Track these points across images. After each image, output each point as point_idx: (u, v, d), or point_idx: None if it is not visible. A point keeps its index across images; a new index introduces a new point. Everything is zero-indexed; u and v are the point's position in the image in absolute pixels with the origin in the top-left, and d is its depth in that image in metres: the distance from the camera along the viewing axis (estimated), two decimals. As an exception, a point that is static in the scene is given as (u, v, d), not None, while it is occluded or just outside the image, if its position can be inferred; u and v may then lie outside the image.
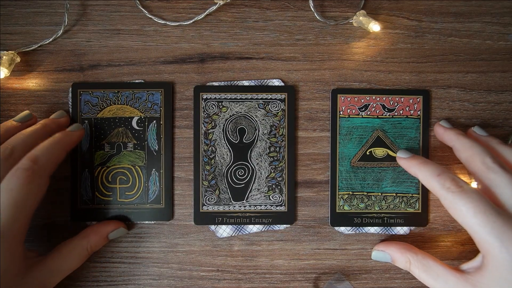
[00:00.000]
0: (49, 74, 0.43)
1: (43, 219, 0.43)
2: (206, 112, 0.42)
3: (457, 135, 0.39)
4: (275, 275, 0.43)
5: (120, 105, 0.42)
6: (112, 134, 0.42)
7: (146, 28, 0.43)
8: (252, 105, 0.43)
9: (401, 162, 0.40)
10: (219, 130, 0.42)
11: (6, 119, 0.42)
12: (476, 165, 0.37)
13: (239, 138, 0.43)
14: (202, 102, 0.42)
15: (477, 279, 0.34)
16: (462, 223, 0.34)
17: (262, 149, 0.43)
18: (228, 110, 0.42)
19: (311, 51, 0.43)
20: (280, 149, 0.43)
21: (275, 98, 0.43)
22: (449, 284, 0.36)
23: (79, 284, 0.43)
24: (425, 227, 0.43)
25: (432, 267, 0.37)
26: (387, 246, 0.41)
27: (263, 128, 0.43)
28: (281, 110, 0.43)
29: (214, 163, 0.42)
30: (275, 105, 0.43)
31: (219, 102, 0.42)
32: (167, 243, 0.43)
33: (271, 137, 0.43)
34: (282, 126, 0.43)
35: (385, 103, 0.43)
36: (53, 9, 0.43)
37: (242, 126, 0.43)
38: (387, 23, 0.43)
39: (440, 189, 0.35)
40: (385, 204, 0.43)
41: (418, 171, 0.38)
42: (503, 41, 0.43)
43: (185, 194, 0.43)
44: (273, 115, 0.43)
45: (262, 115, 0.43)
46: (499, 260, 0.32)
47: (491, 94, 0.43)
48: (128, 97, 0.42)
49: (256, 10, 0.43)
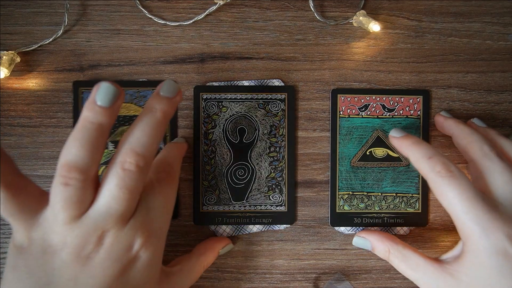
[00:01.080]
0: (49, 74, 0.43)
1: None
2: (206, 112, 0.42)
3: (457, 123, 0.39)
4: (275, 275, 0.43)
5: (124, 104, 0.42)
6: (116, 133, 0.42)
7: (146, 28, 0.43)
8: (252, 105, 0.43)
9: (393, 141, 0.38)
10: (219, 130, 0.42)
11: (6, 119, 0.42)
12: (475, 152, 0.36)
13: (239, 138, 0.43)
14: (202, 102, 0.42)
15: (455, 268, 0.34)
16: (447, 207, 0.34)
17: (262, 149, 0.43)
18: (228, 110, 0.42)
19: (311, 51, 0.43)
20: (280, 149, 0.43)
21: (275, 98, 0.43)
22: (427, 274, 0.35)
23: (79, 284, 0.43)
24: (425, 227, 0.43)
25: (411, 257, 0.37)
26: (369, 234, 0.40)
27: (263, 128, 0.43)
28: (281, 110, 0.43)
29: (214, 163, 0.42)
30: (275, 105, 0.43)
31: (219, 102, 0.42)
32: (167, 243, 0.43)
33: (271, 137, 0.43)
34: (282, 126, 0.43)
35: (385, 103, 0.43)
36: (53, 9, 0.43)
37: (242, 126, 0.43)
38: (387, 23, 0.43)
39: (430, 172, 0.34)
40: (385, 204, 0.43)
41: (409, 151, 0.36)
42: (503, 41, 0.43)
43: (185, 194, 0.43)
44: (273, 115, 0.43)
45: (262, 115, 0.43)
46: (478, 247, 0.32)
47: (491, 94, 0.43)
48: (133, 96, 0.42)
49: (256, 10, 0.43)
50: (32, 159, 0.43)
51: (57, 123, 0.43)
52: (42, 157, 0.43)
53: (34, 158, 0.43)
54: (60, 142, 0.42)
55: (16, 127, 0.43)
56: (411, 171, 0.43)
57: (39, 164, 0.43)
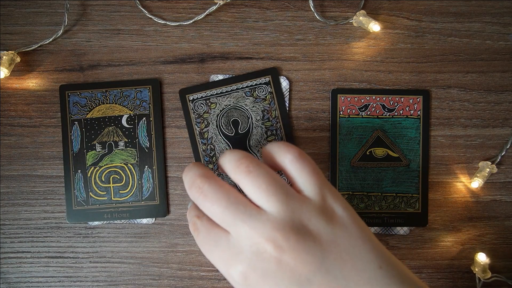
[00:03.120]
0: (49, 74, 0.43)
1: (40, 220, 0.43)
2: (196, 112, 0.43)
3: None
4: (275, 275, 0.43)
5: (109, 104, 0.43)
6: (103, 134, 0.42)
7: (146, 28, 0.43)
8: (240, 95, 0.43)
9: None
10: (213, 127, 0.43)
11: (6, 119, 0.42)
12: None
13: (234, 130, 0.43)
14: (190, 103, 0.43)
15: None
16: None
17: (259, 135, 0.43)
18: (217, 106, 0.43)
19: (311, 51, 0.43)
20: (277, 131, 0.43)
21: (260, 83, 0.43)
22: None
23: (79, 284, 0.43)
24: (425, 227, 0.43)
25: None
26: None
27: (255, 115, 0.43)
28: (269, 93, 0.43)
29: (216, 160, 0.42)
30: (261, 90, 0.43)
31: (206, 100, 0.43)
32: (167, 243, 0.43)
33: (265, 121, 0.43)
34: (273, 109, 0.43)
35: (385, 103, 0.43)
36: (53, 9, 0.43)
37: (234, 118, 0.43)
38: (387, 23, 0.43)
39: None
40: (385, 204, 0.43)
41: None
42: (503, 41, 0.43)
43: (185, 194, 0.43)
44: (262, 100, 0.43)
45: (252, 103, 0.43)
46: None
47: (491, 94, 0.43)
48: (117, 96, 0.43)
49: (256, 10, 0.43)
50: (32, 159, 0.43)
51: (57, 123, 0.43)
52: (42, 157, 0.43)
53: (34, 158, 0.43)
54: (60, 142, 0.42)
55: (16, 127, 0.43)
56: (411, 171, 0.43)
57: (39, 164, 0.43)
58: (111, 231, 0.43)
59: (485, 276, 0.42)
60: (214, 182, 0.29)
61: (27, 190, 0.43)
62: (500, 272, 0.43)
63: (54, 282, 0.43)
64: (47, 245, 0.43)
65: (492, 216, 0.43)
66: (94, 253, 0.43)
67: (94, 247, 0.43)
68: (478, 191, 0.43)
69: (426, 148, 0.43)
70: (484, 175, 0.42)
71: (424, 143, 0.43)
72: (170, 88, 0.43)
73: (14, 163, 0.43)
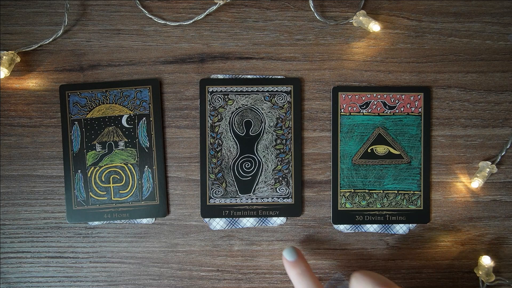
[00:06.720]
0: (49, 74, 0.43)
1: (40, 220, 0.43)
2: (212, 105, 0.43)
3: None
4: (275, 275, 0.43)
5: (109, 104, 0.43)
6: (103, 134, 0.42)
7: (146, 28, 0.43)
8: (258, 97, 0.43)
9: (284, 261, 0.38)
10: (225, 123, 0.43)
11: (6, 119, 0.42)
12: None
13: (245, 130, 0.43)
14: (208, 95, 0.42)
15: None
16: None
17: (269, 141, 0.43)
18: (234, 103, 0.43)
19: (311, 51, 0.43)
20: (287, 142, 0.43)
21: (281, 90, 0.43)
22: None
23: (79, 284, 0.43)
24: (426, 226, 0.43)
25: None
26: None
27: (269, 121, 0.43)
28: (287, 102, 0.43)
29: (220, 156, 0.42)
30: (281, 98, 0.43)
31: (225, 95, 0.43)
32: (167, 243, 0.43)
33: (277, 129, 0.43)
34: (288, 119, 0.43)
35: (386, 100, 0.43)
36: (53, 9, 0.43)
37: (248, 119, 0.43)
38: (387, 23, 0.43)
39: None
40: (386, 202, 0.43)
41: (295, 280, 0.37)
42: (503, 41, 0.43)
43: (185, 194, 0.43)
44: (279, 108, 0.43)
45: (268, 108, 0.43)
46: None
47: (491, 94, 0.43)
48: (117, 96, 0.43)
49: (256, 10, 0.43)
50: (32, 159, 0.43)
51: (57, 123, 0.43)
52: (42, 157, 0.43)
53: (34, 158, 0.43)
54: (60, 142, 0.42)
55: (16, 127, 0.43)
56: (412, 168, 0.43)
57: (39, 164, 0.43)
58: (111, 231, 0.43)
59: (489, 279, 0.42)
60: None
61: (27, 190, 0.43)
62: (500, 272, 0.43)
63: (54, 282, 0.43)
64: (47, 245, 0.43)
65: (492, 216, 0.43)
66: (94, 253, 0.43)
67: (94, 247, 0.43)
68: (478, 191, 0.43)
69: (427, 145, 0.43)
70: (484, 175, 0.42)
71: (425, 141, 0.43)
72: (170, 88, 0.43)
73: (14, 163, 0.43)
